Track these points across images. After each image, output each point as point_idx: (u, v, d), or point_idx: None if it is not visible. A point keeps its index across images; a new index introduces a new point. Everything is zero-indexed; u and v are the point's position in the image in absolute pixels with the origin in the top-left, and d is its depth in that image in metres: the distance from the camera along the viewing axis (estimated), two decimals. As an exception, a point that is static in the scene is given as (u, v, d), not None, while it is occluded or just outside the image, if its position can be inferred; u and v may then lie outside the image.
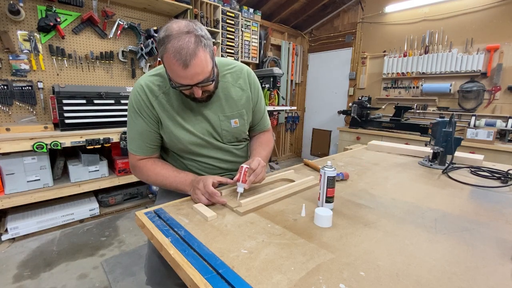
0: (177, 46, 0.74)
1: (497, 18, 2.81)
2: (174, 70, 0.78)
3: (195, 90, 0.84)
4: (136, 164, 1.00)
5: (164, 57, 0.78)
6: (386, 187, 1.02)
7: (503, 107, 2.84)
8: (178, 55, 0.74)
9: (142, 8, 2.70)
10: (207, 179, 0.86)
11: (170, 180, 0.94)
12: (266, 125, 1.19)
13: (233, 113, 1.02)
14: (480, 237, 0.67)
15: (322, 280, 0.50)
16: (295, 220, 0.74)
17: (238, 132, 1.05)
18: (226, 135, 1.03)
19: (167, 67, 0.80)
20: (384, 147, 1.70)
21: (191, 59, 0.75)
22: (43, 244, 1.96)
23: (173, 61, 0.75)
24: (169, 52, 0.75)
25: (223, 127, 1.01)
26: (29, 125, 2.03)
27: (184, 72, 0.77)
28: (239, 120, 1.03)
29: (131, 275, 1.66)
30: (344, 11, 4.11)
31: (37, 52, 2.19)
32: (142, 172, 0.99)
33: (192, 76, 0.78)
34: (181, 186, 0.92)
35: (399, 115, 3.32)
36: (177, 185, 0.93)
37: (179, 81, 0.80)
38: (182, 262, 0.55)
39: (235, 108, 1.02)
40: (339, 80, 4.33)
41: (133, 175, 2.50)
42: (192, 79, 0.79)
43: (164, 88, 0.94)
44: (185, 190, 0.92)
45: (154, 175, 0.96)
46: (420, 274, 0.52)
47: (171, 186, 0.94)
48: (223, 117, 1.00)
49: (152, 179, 0.97)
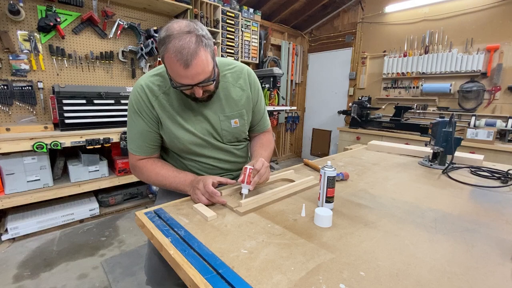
0: (178, 45, 0.74)
1: (497, 18, 2.81)
2: (175, 70, 0.78)
3: (196, 90, 0.84)
4: (136, 164, 1.00)
5: (165, 57, 0.77)
6: (386, 187, 1.02)
7: (503, 107, 2.84)
8: (179, 54, 0.74)
9: (142, 8, 2.70)
10: (206, 179, 0.86)
11: (170, 180, 0.94)
12: (266, 126, 1.19)
13: (233, 113, 1.02)
14: (480, 237, 0.67)
15: (322, 280, 0.50)
16: (295, 220, 0.74)
17: (238, 132, 1.05)
18: (226, 135, 1.03)
19: (168, 67, 0.80)
20: (384, 147, 1.70)
21: (192, 59, 0.75)
22: (43, 244, 1.96)
23: (174, 61, 0.75)
24: (170, 52, 0.75)
25: (223, 127, 1.01)
26: (29, 125, 2.03)
27: (185, 72, 0.77)
28: (239, 120, 1.03)
29: (131, 275, 1.66)
30: (344, 11, 4.11)
31: (37, 52, 2.19)
32: (142, 172, 0.99)
33: (193, 76, 0.78)
34: (181, 186, 0.92)
35: (399, 115, 3.32)
36: (176, 185, 0.93)
37: (180, 80, 0.80)
38: (182, 262, 0.55)
39: (235, 108, 1.02)
40: (339, 80, 4.33)
41: (133, 175, 2.50)
42: (193, 79, 0.79)
43: (164, 88, 0.94)
44: (184, 190, 0.92)
45: (154, 175, 0.96)
46: (420, 274, 0.52)
47: (171, 186, 0.94)
48: (223, 117, 1.00)
49: (152, 179, 0.97)
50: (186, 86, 0.82)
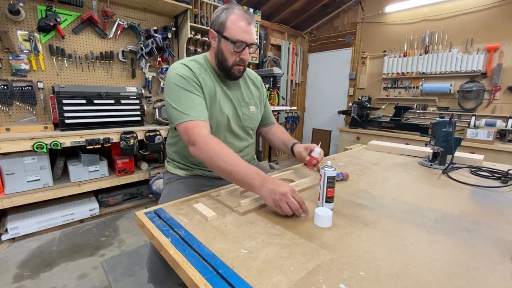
0: (242, 11, 0.99)
1: (497, 18, 2.81)
2: (240, 26, 0.97)
3: (246, 52, 1.02)
4: (200, 135, 0.89)
5: (228, 19, 0.97)
6: (386, 187, 1.02)
7: (503, 107, 2.84)
8: (245, 14, 0.98)
9: (142, 8, 2.70)
10: (290, 187, 0.75)
11: (239, 168, 0.81)
12: (273, 120, 1.38)
13: (250, 100, 1.18)
14: (480, 237, 0.67)
15: (322, 280, 0.50)
16: (295, 220, 0.74)
17: (254, 118, 1.20)
18: (246, 119, 1.16)
19: (232, 25, 0.97)
20: (384, 147, 1.70)
21: (252, 21, 1.00)
22: (43, 244, 1.96)
23: (240, 19, 0.97)
24: (236, 13, 0.97)
25: (243, 111, 1.15)
26: (29, 125, 2.03)
27: (248, 28, 0.98)
28: (255, 108, 1.19)
29: (131, 275, 1.66)
30: (344, 11, 4.11)
31: (37, 52, 2.19)
32: (208, 146, 0.87)
33: (251, 33, 1.00)
34: (250, 180, 0.79)
35: (399, 115, 3.32)
36: (245, 176, 0.80)
37: (241, 36, 0.97)
38: (182, 262, 0.55)
39: (251, 97, 1.19)
40: (339, 80, 4.33)
41: (133, 175, 2.50)
42: (250, 36, 1.00)
43: (201, 70, 1.06)
44: (252, 184, 0.79)
45: (224, 155, 0.84)
46: (420, 274, 0.52)
47: (238, 175, 0.81)
48: (243, 102, 1.15)
49: (219, 159, 0.84)
50: (242, 43, 0.99)
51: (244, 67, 1.07)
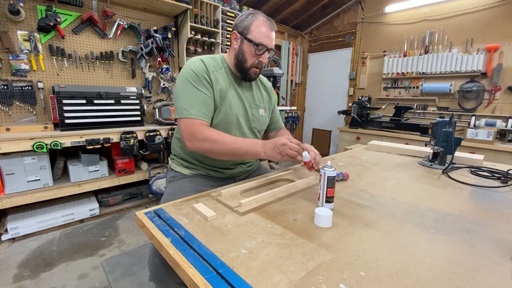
0: (266, 18, 1.06)
1: (497, 18, 2.81)
2: (263, 31, 1.03)
3: (265, 56, 1.07)
4: (199, 129, 0.97)
5: (253, 23, 1.03)
6: (386, 187, 1.02)
7: (503, 107, 2.84)
8: (268, 21, 1.05)
9: (142, 8, 2.70)
10: (285, 137, 0.90)
11: (240, 143, 0.93)
12: (281, 124, 1.40)
13: (260, 104, 1.21)
14: (480, 237, 0.67)
15: (322, 280, 0.50)
16: (295, 220, 0.74)
17: (262, 121, 1.22)
18: (254, 120, 1.18)
19: (255, 29, 1.03)
20: (384, 147, 1.70)
21: (274, 28, 1.07)
22: (43, 244, 1.96)
23: (264, 24, 1.04)
24: (260, 19, 1.04)
25: (253, 112, 1.18)
26: (29, 125, 2.03)
27: (270, 33, 1.05)
28: (264, 112, 1.23)
29: (131, 275, 1.66)
30: (344, 11, 4.11)
31: (37, 52, 2.19)
32: (205, 136, 0.96)
33: (272, 39, 1.06)
34: (253, 148, 0.92)
35: (399, 115, 3.32)
36: (248, 147, 0.93)
37: (263, 40, 1.03)
38: (182, 262, 0.55)
39: (262, 101, 1.23)
40: (339, 80, 4.33)
41: (133, 175, 2.50)
42: (271, 41, 1.06)
43: (216, 68, 1.08)
44: (257, 152, 0.92)
45: (222, 138, 0.95)
46: (420, 274, 0.52)
47: (241, 149, 0.93)
48: (253, 104, 1.18)
49: (220, 143, 0.94)
50: (263, 47, 1.04)
51: (260, 70, 1.11)
